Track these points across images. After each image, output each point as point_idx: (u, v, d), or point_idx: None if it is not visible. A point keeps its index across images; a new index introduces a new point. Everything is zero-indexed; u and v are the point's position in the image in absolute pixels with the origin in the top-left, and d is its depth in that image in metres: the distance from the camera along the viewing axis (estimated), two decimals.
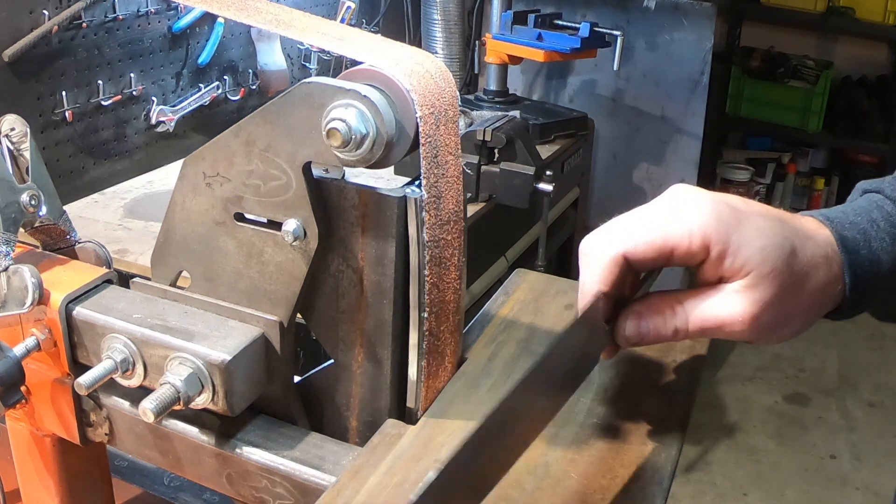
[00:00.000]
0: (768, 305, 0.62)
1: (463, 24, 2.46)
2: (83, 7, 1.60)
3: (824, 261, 0.65)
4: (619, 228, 0.64)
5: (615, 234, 0.64)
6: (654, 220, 0.64)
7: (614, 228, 0.65)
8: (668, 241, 0.63)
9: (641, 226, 0.64)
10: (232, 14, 0.69)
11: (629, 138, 2.69)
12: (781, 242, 0.63)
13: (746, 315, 0.62)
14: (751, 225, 0.63)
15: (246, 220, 0.68)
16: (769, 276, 0.62)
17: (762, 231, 0.63)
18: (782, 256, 0.62)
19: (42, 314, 0.70)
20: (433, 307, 0.67)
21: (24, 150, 0.74)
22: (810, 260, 0.64)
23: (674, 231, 0.63)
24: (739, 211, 0.64)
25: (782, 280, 0.62)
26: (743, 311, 0.62)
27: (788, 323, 0.64)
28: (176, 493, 0.99)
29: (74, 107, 1.65)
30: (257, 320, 0.68)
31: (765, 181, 4.11)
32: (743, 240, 0.62)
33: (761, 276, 0.62)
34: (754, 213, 0.64)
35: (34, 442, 0.79)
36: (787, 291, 0.63)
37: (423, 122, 0.62)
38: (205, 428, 0.70)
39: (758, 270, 0.62)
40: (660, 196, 0.67)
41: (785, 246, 0.63)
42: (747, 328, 0.63)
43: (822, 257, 0.65)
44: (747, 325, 0.63)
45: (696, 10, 2.50)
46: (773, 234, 0.63)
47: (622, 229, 0.64)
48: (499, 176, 1.73)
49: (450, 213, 0.66)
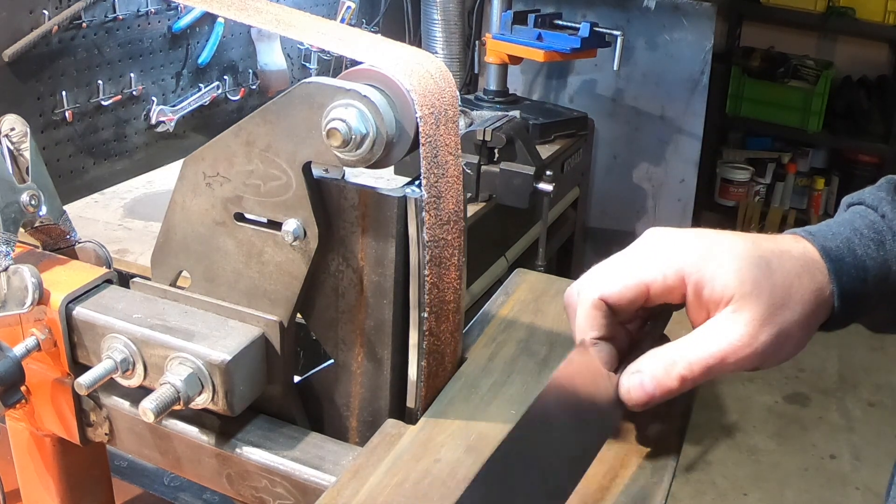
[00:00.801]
0: (762, 323, 0.63)
1: (463, 24, 2.46)
2: (83, 7, 1.60)
3: (806, 272, 0.65)
4: (596, 275, 0.66)
5: (592, 280, 0.66)
6: (628, 263, 0.66)
7: (591, 275, 0.67)
8: (642, 280, 0.64)
9: (616, 269, 0.66)
10: (232, 14, 0.69)
11: (629, 138, 2.69)
12: (756, 261, 0.64)
13: (745, 338, 0.62)
14: (722, 251, 0.64)
15: (246, 220, 0.68)
16: (752, 295, 0.62)
17: (734, 254, 0.64)
18: (759, 273, 0.63)
19: (42, 314, 0.70)
20: (433, 307, 0.67)
21: (24, 150, 0.74)
22: (790, 272, 0.65)
23: (647, 269, 0.64)
24: (710, 241, 0.65)
25: (766, 296, 0.63)
26: (740, 335, 0.62)
27: (787, 339, 0.64)
28: (176, 493, 0.98)
29: (74, 107, 1.65)
30: (257, 320, 0.68)
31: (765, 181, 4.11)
32: (717, 266, 0.63)
33: (744, 296, 0.62)
34: (725, 240, 0.65)
35: (34, 442, 0.79)
36: (775, 306, 0.63)
37: (423, 122, 0.62)
38: (205, 428, 0.70)
39: (739, 291, 0.63)
40: (634, 242, 0.68)
41: (760, 264, 0.64)
42: (749, 353, 0.63)
43: (803, 268, 0.65)
44: (748, 350, 0.63)
45: (696, 10, 2.50)
46: (746, 254, 0.64)
47: (598, 275, 0.66)
48: (499, 176, 1.73)
49: (450, 213, 0.66)
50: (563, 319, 0.84)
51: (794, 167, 4.13)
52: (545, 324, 0.84)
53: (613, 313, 0.65)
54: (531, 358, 0.78)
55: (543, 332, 0.82)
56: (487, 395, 0.72)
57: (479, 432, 0.67)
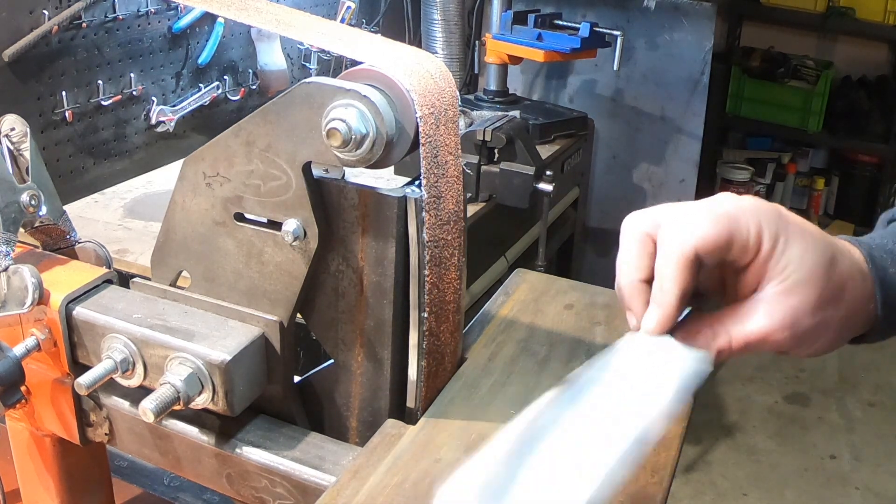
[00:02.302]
0: (807, 313, 0.63)
1: (463, 24, 2.46)
2: (83, 7, 1.60)
3: (860, 275, 0.66)
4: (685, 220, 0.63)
5: (683, 224, 0.63)
6: (718, 217, 0.63)
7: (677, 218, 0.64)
8: (732, 236, 0.62)
9: (708, 221, 0.62)
10: (232, 14, 0.69)
11: (629, 138, 2.69)
12: (822, 251, 0.64)
13: (787, 321, 0.63)
14: (795, 229, 0.64)
15: (246, 220, 0.68)
16: (808, 282, 0.63)
17: (805, 237, 0.64)
18: (822, 263, 0.63)
19: (42, 314, 0.70)
20: (433, 307, 0.67)
21: (24, 150, 0.74)
22: (847, 272, 0.65)
23: (736, 226, 0.62)
24: (785, 215, 0.65)
25: (820, 288, 0.63)
26: (783, 318, 0.62)
27: (825, 333, 0.65)
28: (176, 493, 0.98)
29: (74, 107, 1.65)
30: (257, 320, 0.68)
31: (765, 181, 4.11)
32: (788, 242, 0.63)
33: (799, 282, 0.63)
34: (798, 220, 0.65)
35: (34, 442, 0.79)
36: (825, 300, 0.63)
37: (423, 122, 0.62)
38: (205, 428, 0.70)
39: (796, 275, 0.62)
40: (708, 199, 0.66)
41: (825, 254, 0.64)
42: (788, 336, 0.63)
43: (858, 272, 0.66)
44: (788, 333, 0.63)
45: (696, 10, 2.50)
46: (815, 242, 0.64)
47: (688, 221, 0.63)
48: (499, 176, 1.73)
49: (450, 213, 0.66)
50: (563, 319, 0.84)
51: (794, 167, 4.13)
52: (545, 324, 0.84)
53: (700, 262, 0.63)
54: (531, 358, 0.78)
55: (543, 332, 0.82)
56: (487, 395, 0.72)
57: (479, 432, 0.67)
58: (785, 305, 0.63)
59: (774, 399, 3.12)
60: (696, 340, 0.64)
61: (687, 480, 2.65)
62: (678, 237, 0.62)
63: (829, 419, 3.01)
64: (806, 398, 3.13)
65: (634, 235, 0.65)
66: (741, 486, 2.66)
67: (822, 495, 2.63)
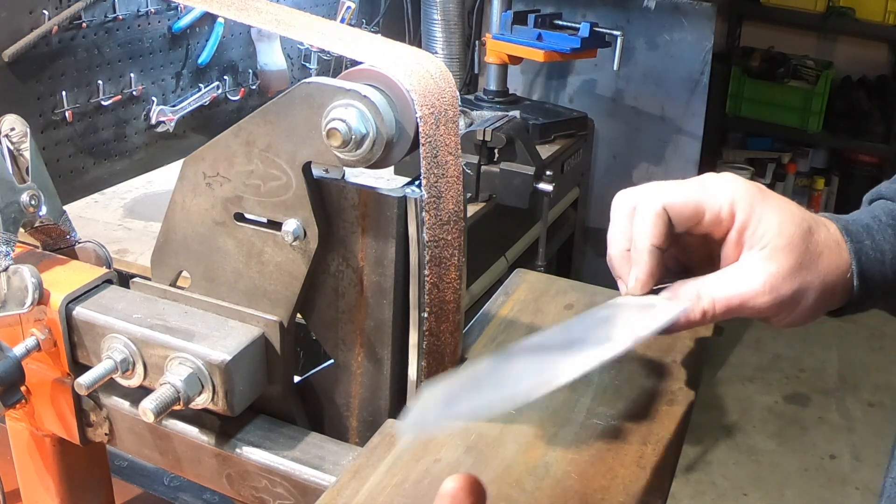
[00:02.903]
0: (786, 277, 0.66)
1: (463, 24, 2.46)
2: (83, 7, 1.60)
3: (836, 246, 0.69)
4: (657, 188, 0.68)
5: (654, 191, 0.68)
6: (688, 185, 0.68)
7: (651, 188, 0.69)
8: (701, 203, 0.67)
9: (678, 186, 0.68)
10: (232, 14, 0.69)
11: (629, 138, 2.69)
12: (799, 221, 0.67)
13: (767, 286, 0.66)
14: (772, 202, 0.68)
15: (246, 220, 0.68)
16: (786, 249, 0.66)
17: (781, 209, 0.68)
18: (798, 232, 0.67)
19: (42, 314, 0.70)
20: (433, 307, 0.67)
21: (24, 150, 0.74)
22: (824, 241, 0.68)
23: (707, 196, 0.67)
24: (763, 190, 0.69)
25: (798, 254, 0.66)
26: (763, 282, 0.66)
27: (803, 300, 0.68)
28: (176, 493, 0.98)
29: (74, 107, 1.65)
30: (257, 320, 0.68)
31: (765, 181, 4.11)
32: (764, 212, 0.67)
33: (777, 248, 0.66)
34: (776, 195, 0.69)
35: (34, 442, 0.79)
36: (803, 266, 0.67)
37: (423, 122, 0.62)
38: (205, 428, 0.70)
39: (774, 242, 0.66)
40: (691, 178, 0.71)
41: (802, 224, 0.67)
42: (767, 301, 0.66)
43: (835, 243, 0.69)
44: (767, 298, 0.66)
45: (696, 10, 2.50)
46: (791, 213, 0.68)
47: (660, 188, 0.68)
48: (499, 176, 1.73)
49: (450, 213, 0.66)
50: (562, 319, 0.84)
51: (794, 167, 4.13)
52: (545, 324, 0.84)
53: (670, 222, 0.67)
54: None
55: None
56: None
57: (479, 432, 0.67)
58: (764, 271, 0.66)
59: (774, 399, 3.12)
60: (684, 300, 0.67)
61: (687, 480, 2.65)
62: (649, 199, 0.68)
63: (829, 419, 3.01)
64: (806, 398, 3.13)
65: (622, 209, 0.70)
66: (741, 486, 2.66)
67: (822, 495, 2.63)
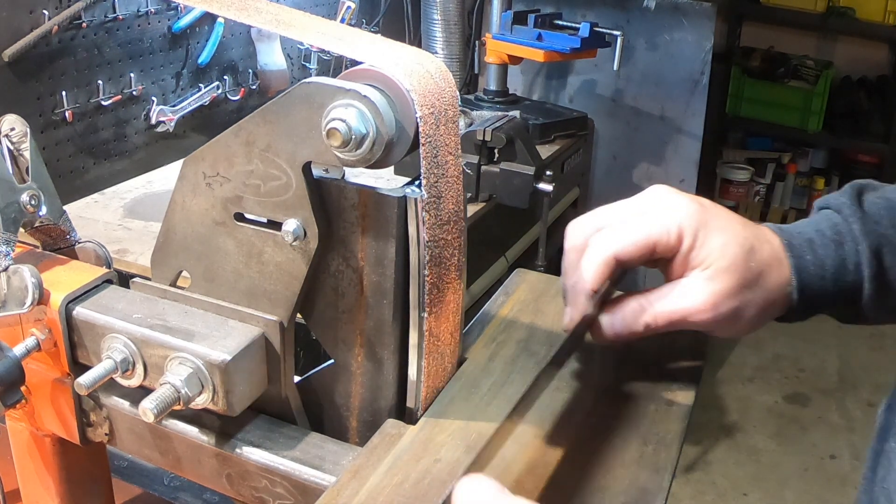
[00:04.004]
0: (727, 296, 0.70)
1: (463, 24, 2.46)
2: (83, 7, 1.60)
3: (777, 263, 0.73)
4: (611, 233, 0.71)
5: (608, 237, 0.71)
6: (638, 219, 0.71)
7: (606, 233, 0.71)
8: (651, 237, 0.70)
9: (629, 228, 0.71)
10: (232, 14, 0.69)
11: (629, 138, 2.69)
12: (741, 241, 0.71)
13: (707, 304, 0.70)
14: (715, 222, 0.71)
15: (246, 220, 0.67)
16: (728, 270, 0.70)
17: (725, 230, 0.71)
18: (741, 252, 0.70)
19: (42, 314, 0.70)
20: (433, 307, 0.67)
21: (24, 150, 0.74)
22: (766, 260, 0.72)
23: (656, 228, 0.70)
24: (707, 210, 0.72)
25: (739, 274, 0.70)
26: (704, 301, 0.70)
27: (744, 316, 0.72)
28: (176, 493, 0.99)
29: (74, 107, 1.65)
30: (257, 320, 0.68)
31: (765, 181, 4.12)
32: (708, 235, 0.70)
33: (720, 270, 0.70)
34: (720, 214, 0.73)
35: (34, 442, 0.79)
36: (745, 285, 0.70)
37: (423, 122, 0.62)
38: (205, 428, 0.70)
39: (717, 264, 0.70)
40: (640, 195, 0.74)
41: (744, 245, 0.71)
42: (709, 317, 0.70)
43: (776, 259, 0.73)
44: (709, 315, 0.70)
45: (696, 10, 2.50)
46: (734, 233, 0.71)
47: (613, 233, 0.71)
48: (499, 176, 1.73)
49: (450, 213, 0.66)
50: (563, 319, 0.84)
51: (794, 167, 4.14)
52: (545, 324, 0.83)
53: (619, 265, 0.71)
54: (531, 358, 0.78)
55: (543, 332, 0.82)
56: (487, 395, 0.72)
57: (479, 432, 0.67)
58: (706, 290, 0.70)
59: (774, 399, 3.12)
60: (624, 315, 0.72)
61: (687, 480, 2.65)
62: (600, 246, 0.71)
63: (829, 419, 3.01)
64: (806, 398, 3.13)
65: (574, 242, 0.73)
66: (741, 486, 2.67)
67: (822, 495, 2.63)
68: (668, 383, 0.78)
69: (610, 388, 0.76)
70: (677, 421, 0.72)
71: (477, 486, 0.49)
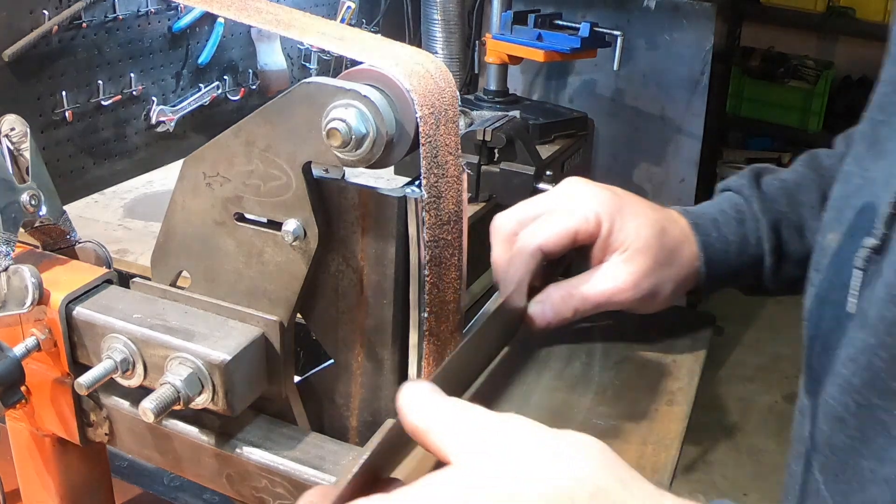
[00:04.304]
0: (645, 275, 0.76)
1: (463, 24, 2.45)
2: (83, 7, 1.60)
3: (686, 241, 0.80)
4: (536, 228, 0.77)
5: (531, 230, 0.77)
6: (559, 211, 0.77)
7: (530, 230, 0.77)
8: (572, 227, 0.76)
9: (552, 222, 0.77)
10: (232, 14, 0.69)
11: (629, 138, 2.69)
12: (653, 223, 0.78)
13: (629, 283, 0.76)
14: (629, 208, 0.78)
15: (246, 220, 0.67)
16: (643, 250, 0.76)
17: (638, 214, 0.78)
18: (653, 233, 0.77)
19: (42, 314, 0.70)
20: (433, 307, 0.67)
21: (24, 150, 0.74)
22: (676, 238, 0.79)
23: (575, 218, 0.76)
24: (620, 197, 0.79)
25: (654, 254, 0.77)
26: (626, 280, 0.76)
27: (662, 292, 0.78)
28: (176, 493, 0.99)
29: (74, 107, 1.65)
30: (257, 320, 0.68)
31: None
32: (624, 220, 0.77)
33: (636, 251, 0.76)
34: (632, 201, 0.79)
35: (34, 442, 0.79)
36: (659, 263, 0.77)
37: (423, 122, 0.62)
38: (205, 428, 0.70)
39: (633, 246, 0.76)
40: (556, 189, 0.81)
41: (656, 226, 0.78)
42: (630, 296, 0.76)
43: (685, 238, 0.80)
44: (630, 293, 0.76)
45: (696, 10, 2.50)
46: (646, 216, 0.78)
47: (537, 227, 0.77)
48: (499, 176, 1.73)
49: (450, 213, 0.66)
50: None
51: None
52: None
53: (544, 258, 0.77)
54: (531, 358, 0.78)
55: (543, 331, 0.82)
56: (487, 395, 0.72)
57: None
58: (626, 270, 0.76)
59: (774, 399, 3.12)
60: (553, 303, 0.76)
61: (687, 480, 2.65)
62: (527, 237, 0.76)
63: None
64: None
65: (500, 237, 0.80)
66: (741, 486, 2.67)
67: None
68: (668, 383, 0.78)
69: (610, 387, 0.76)
70: (677, 421, 0.72)
71: (416, 388, 0.54)
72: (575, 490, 0.45)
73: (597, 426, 0.71)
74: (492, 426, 0.50)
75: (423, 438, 0.51)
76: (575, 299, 0.76)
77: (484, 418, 0.50)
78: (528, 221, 0.78)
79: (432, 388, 0.53)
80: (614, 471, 0.47)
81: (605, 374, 0.78)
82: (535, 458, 0.47)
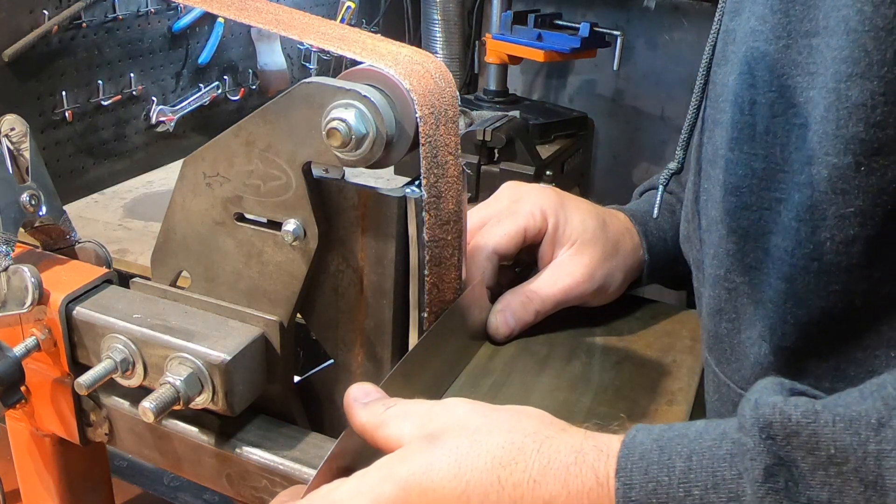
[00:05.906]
0: (596, 266, 0.79)
1: (463, 24, 2.45)
2: (83, 7, 1.60)
3: (627, 232, 0.83)
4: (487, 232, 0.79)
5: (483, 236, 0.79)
6: (509, 220, 0.80)
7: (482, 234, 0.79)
8: (521, 229, 0.79)
9: (502, 225, 0.79)
10: (232, 14, 0.69)
11: (629, 138, 2.69)
12: (595, 215, 0.81)
13: (584, 275, 0.79)
14: (570, 202, 0.82)
15: (246, 220, 0.68)
16: (591, 242, 0.79)
17: (580, 208, 0.81)
18: (598, 224, 0.81)
19: (42, 314, 0.70)
20: (433, 307, 0.67)
21: (24, 150, 0.74)
22: (618, 229, 0.82)
23: (523, 218, 0.79)
24: (560, 193, 0.82)
25: (601, 244, 0.80)
26: (581, 273, 0.79)
27: (613, 283, 0.81)
28: (176, 493, 0.99)
29: (74, 107, 1.65)
30: (257, 320, 0.68)
31: None
32: (569, 215, 0.80)
33: (584, 243, 0.79)
34: (571, 196, 0.83)
35: (34, 442, 0.79)
36: (608, 253, 0.80)
37: (423, 122, 0.62)
38: (205, 428, 0.70)
39: (581, 238, 0.79)
40: (497, 193, 0.85)
41: (598, 218, 0.81)
42: (587, 288, 0.79)
43: (626, 229, 0.83)
44: (587, 285, 0.79)
45: (696, 10, 2.50)
46: (588, 209, 0.82)
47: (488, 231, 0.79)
48: (499, 176, 1.73)
49: (450, 213, 0.66)
50: (562, 319, 0.84)
51: None
52: (545, 324, 0.83)
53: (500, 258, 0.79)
54: (531, 358, 0.78)
55: (543, 332, 0.82)
56: (487, 395, 0.72)
57: None
58: (579, 263, 0.79)
59: None
60: (514, 310, 0.78)
61: None
62: (479, 243, 0.78)
63: None
64: None
65: None
66: None
67: None
68: (668, 383, 0.78)
69: (610, 387, 0.76)
70: (677, 421, 0.72)
71: (361, 388, 0.58)
72: (525, 441, 0.51)
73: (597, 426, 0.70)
74: (435, 409, 0.55)
75: (372, 435, 0.56)
76: (534, 303, 0.78)
77: (426, 405, 0.56)
78: (476, 230, 0.80)
79: (375, 389, 0.58)
80: (554, 422, 0.54)
81: (605, 374, 0.78)
82: (482, 422, 0.53)
